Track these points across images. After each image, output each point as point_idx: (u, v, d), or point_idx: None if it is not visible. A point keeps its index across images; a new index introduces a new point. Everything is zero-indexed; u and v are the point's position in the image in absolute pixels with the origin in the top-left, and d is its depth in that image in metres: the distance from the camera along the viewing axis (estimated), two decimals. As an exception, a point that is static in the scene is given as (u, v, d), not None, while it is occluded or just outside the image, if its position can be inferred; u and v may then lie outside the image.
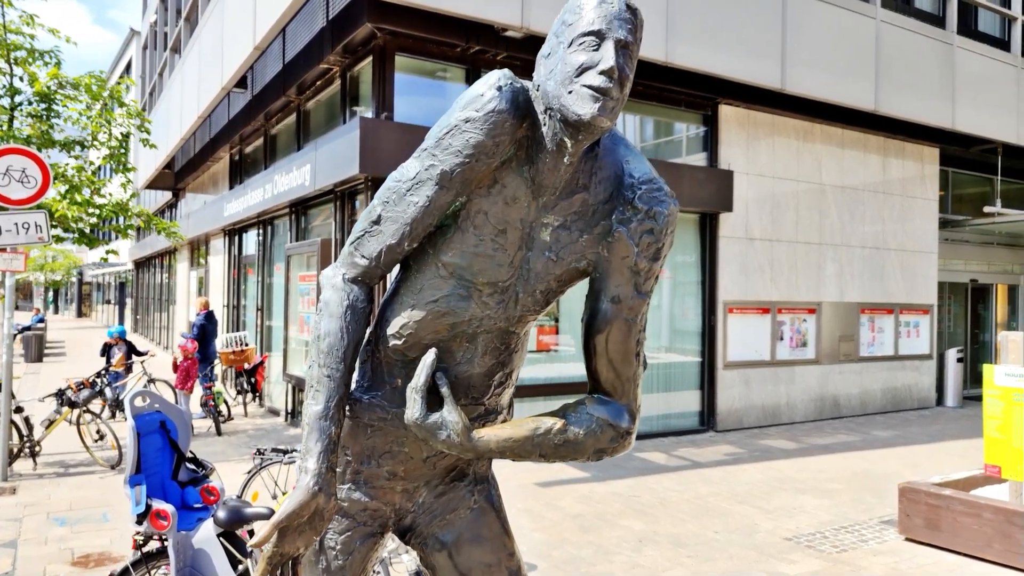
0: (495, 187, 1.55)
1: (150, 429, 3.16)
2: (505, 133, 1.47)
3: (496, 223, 1.56)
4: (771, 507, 6.30)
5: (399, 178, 1.58)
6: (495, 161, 1.51)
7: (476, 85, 1.51)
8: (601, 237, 1.62)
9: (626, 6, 1.48)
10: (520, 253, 1.61)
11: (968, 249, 13.57)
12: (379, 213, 1.60)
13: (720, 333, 9.65)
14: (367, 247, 1.62)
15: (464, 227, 1.58)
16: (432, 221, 1.56)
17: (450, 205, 1.55)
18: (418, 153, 1.57)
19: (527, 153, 1.54)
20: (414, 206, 1.54)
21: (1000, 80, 11.65)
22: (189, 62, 13.15)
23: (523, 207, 1.57)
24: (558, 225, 1.60)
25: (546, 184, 1.55)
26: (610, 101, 1.42)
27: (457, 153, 1.48)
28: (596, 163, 1.58)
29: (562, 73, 1.44)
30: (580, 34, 1.44)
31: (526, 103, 1.51)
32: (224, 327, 13.70)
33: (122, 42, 32.70)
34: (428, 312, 1.63)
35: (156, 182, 18.95)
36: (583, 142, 1.48)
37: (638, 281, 1.61)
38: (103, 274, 38.58)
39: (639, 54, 4.37)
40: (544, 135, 1.51)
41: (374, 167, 7.10)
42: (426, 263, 1.64)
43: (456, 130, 1.48)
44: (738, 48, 8.67)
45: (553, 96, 1.45)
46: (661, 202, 1.60)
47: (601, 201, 1.60)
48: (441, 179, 1.50)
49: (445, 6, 6.78)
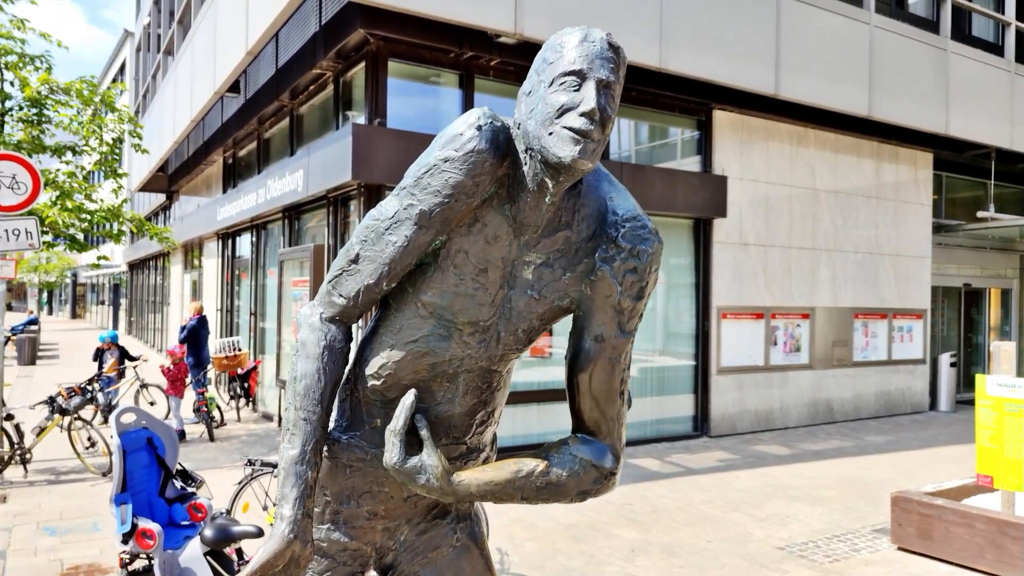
0: (476, 226, 1.53)
1: (137, 446, 3.13)
2: (485, 173, 1.45)
3: (477, 262, 1.55)
4: (764, 515, 6.29)
5: (378, 216, 1.55)
6: (475, 201, 1.49)
7: (455, 123, 1.49)
8: (584, 275, 1.60)
9: (608, 45, 1.45)
10: (502, 292, 1.59)
11: (961, 253, 13.61)
12: (357, 252, 1.57)
13: (714, 338, 9.64)
14: (345, 286, 1.59)
15: (444, 266, 1.55)
16: (411, 261, 1.54)
17: (430, 244, 1.53)
18: (397, 191, 1.55)
19: (508, 191, 1.52)
20: (392, 246, 1.52)
21: (993, 85, 11.68)
22: (182, 65, 13.11)
23: (504, 246, 1.55)
24: (540, 263, 1.58)
25: (528, 223, 1.53)
26: (591, 143, 1.39)
27: (436, 193, 1.46)
28: (579, 200, 1.56)
29: (543, 113, 1.42)
30: (561, 73, 1.42)
31: (507, 142, 1.49)
32: (218, 331, 13.65)
33: (116, 43, 32.57)
34: (407, 352, 1.61)
35: (150, 184, 18.88)
36: (564, 183, 1.46)
37: (622, 320, 1.59)
38: (97, 275, 38.44)
39: (636, 60, 4.33)
40: (525, 174, 1.49)
41: (367, 174, 7.07)
42: (406, 302, 1.61)
43: (435, 169, 1.47)
44: (732, 54, 8.67)
45: (533, 136, 1.44)
46: (645, 240, 1.58)
47: (584, 238, 1.58)
48: (420, 219, 1.49)
49: (438, 12, 6.76)
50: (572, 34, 1.46)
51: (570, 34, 1.46)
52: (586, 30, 1.46)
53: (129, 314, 29.59)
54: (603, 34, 1.46)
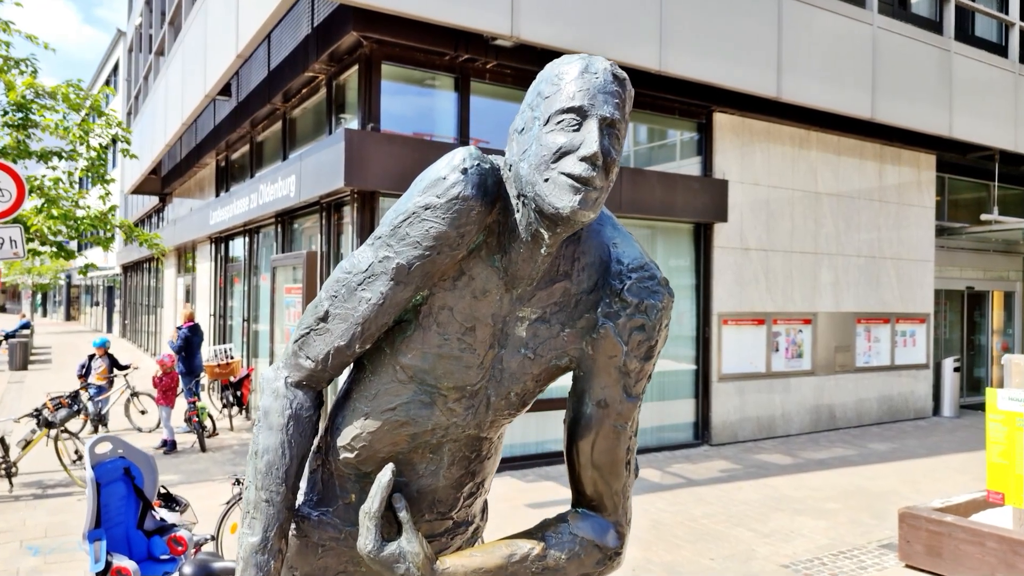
0: (461, 279, 1.36)
1: (113, 477, 2.96)
2: (471, 222, 1.29)
3: (463, 320, 1.38)
4: (768, 530, 6.13)
5: (350, 269, 1.38)
6: (460, 252, 1.32)
7: (437, 165, 1.32)
8: (585, 332, 1.43)
9: (612, 77, 1.28)
10: (492, 352, 1.42)
11: (964, 256, 13.46)
12: (326, 309, 1.39)
13: (715, 345, 9.48)
14: (313, 347, 1.42)
15: (426, 325, 1.38)
16: (387, 320, 1.37)
17: (409, 301, 1.36)
18: (372, 240, 1.38)
19: (498, 240, 1.35)
20: (366, 303, 1.35)
21: (997, 86, 11.53)
22: (173, 67, 12.91)
23: (495, 301, 1.38)
24: (535, 319, 1.41)
25: (521, 275, 1.36)
26: (593, 192, 1.23)
27: (415, 244, 1.29)
28: (579, 247, 1.40)
29: (537, 156, 1.25)
30: (558, 110, 1.25)
31: (496, 185, 1.32)
32: (211, 337, 13.47)
33: (109, 43, 32.33)
34: (384, 422, 1.43)
35: (142, 187, 18.67)
36: (561, 235, 1.29)
37: (628, 383, 1.42)
38: (92, 277, 38.20)
39: (636, 63, 4.07)
40: (517, 222, 1.32)
41: (360, 180, 6.90)
42: (382, 364, 1.44)
43: (414, 218, 1.30)
44: (733, 56, 8.51)
45: (527, 182, 1.27)
46: (653, 293, 1.40)
47: (585, 290, 1.41)
48: (397, 273, 1.32)
49: (432, 14, 6.58)
50: (571, 64, 1.29)
51: (568, 64, 1.29)
52: (587, 59, 1.29)
53: (123, 317, 29.37)
54: (606, 64, 1.29)
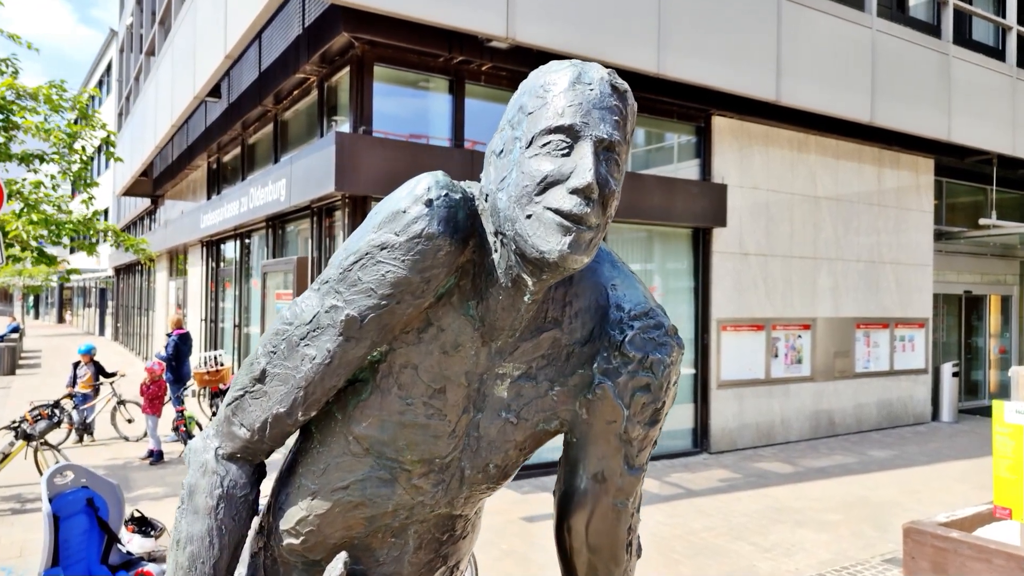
0: (428, 332, 1.13)
1: (74, 510, 2.79)
2: (438, 265, 1.06)
3: (431, 380, 1.14)
4: (769, 543, 5.99)
5: (291, 319, 1.14)
6: (426, 301, 1.10)
7: (397, 195, 1.10)
8: (579, 391, 1.19)
9: (611, 88, 1.05)
10: (466, 417, 1.18)
11: (962, 260, 13.37)
12: (263, 367, 1.15)
13: (713, 351, 9.34)
14: (248, 413, 1.17)
15: (385, 387, 1.15)
16: (336, 383, 1.14)
17: (363, 359, 1.13)
18: (318, 285, 1.14)
19: (473, 284, 1.12)
20: (309, 362, 1.11)
21: (995, 90, 11.43)
22: (163, 68, 12.73)
23: (469, 356, 1.15)
24: (519, 375, 1.18)
25: (500, 326, 1.13)
26: (586, 232, 0.99)
27: (369, 292, 1.07)
28: (571, 289, 1.17)
29: (518, 186, 1.02)
30: (544, 130, 1.01)
31: (469, 219, 1.09)
32: (202, 342, 13.27)
33: (102, 43, 32.09)
34: (335, 503, 1.20)
35: (134, 189, 18.47)
36: (548, 281, 1.06)
37: (630, 452, 1.20)
38: (84, 279, 37.88)
39: (633, 66, 3.86)
40: (495, 264, 1.09)
41: (352, 185, 6.73)
42: (332, 434, 1.20)
43: (368, 259, 1.07)
44: (732, 59, 8.37)
45: (506, 218, 1.03)
46: (660, 346, 1.17)
47: (578, 341, 1.18)
48: (347, 327, 1.09)
49: (425, 15, 6.42)
50: (560, 72, 1.06)
51: (557, 72, 1.06)
52: (580, 67, 1.06)
53: (115, 319, 29.10)
54: (603, 73, 1.07)
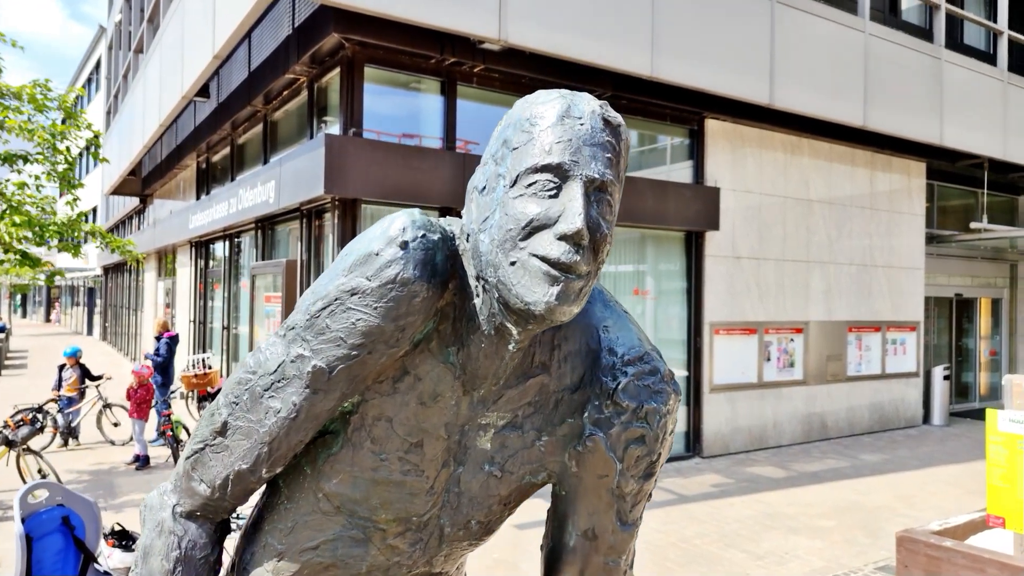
0: (404, 381, 1.05)
1: (48, 529, 2.69)
2: (414, 312, 0.98)
3: (407, 433, 1.06)
4: (762, 551, 5.95)
5: (255, 368, 1.06)
6: (400, 350, 1.01)
7: (370, 234, 1.01)
8: (568, 441, 1.11)
9: (603, 122, 0.97)
10: (445, 472, 1.10)
11: (953, 263, 13.40)
12: (225, 419, 1.07)
13: (706, 355, 9.31)
14: (208, 468, 1.09)
15: (357, 441, 1.07)
16: (304, 438, 1.06)
17: (332, 412, 1.05)
18: (284, 331, 1.06)
19: (453, 328, 1.04)
20: (274, 415, 1.03)
21: (987, 94, 11.45)
22: (151, 67, 12.58)
23: (449, 407, 1.06)
24: (504, 425, 1.10)
25: (483, 374, 1.04)
26: (576, 282, 0.93)
27: (338, 342, 0.99)
28: (560, 331, 1.10)
29: (501, 229, 0.95)
30: (530, 168, 0.94)
31: (449, 260, 1.02)
32: (190, 343, 13.14)
33: (91, 39, 31.81)
34: (303, 565, 1.12)
35: (122, 188, 18.29)
36: (534, 331, 0.99)
37: (622, 508, 1.12)
38: (72, 278, 37.57)
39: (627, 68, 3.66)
40: (477, 309, 1.01)
41: (341, 188, 6.65)
42: (301, 489, 1.12)
43: (338, 306, 0.99)
44: (725, 62, 8.33)
45: (488, 263, 0.96)
46: (656, 394, 1.10)
47: (567, 387, 1.10)
48: (314, 380, 1.00)
49: (416, 16, 6.34)
50: (547, 104, 0.97)
51: (544, 104, 0.98)
52: (568, 98, 0.98)
53: (103, 319, 28.85)
54: (595, 105, 0.98)
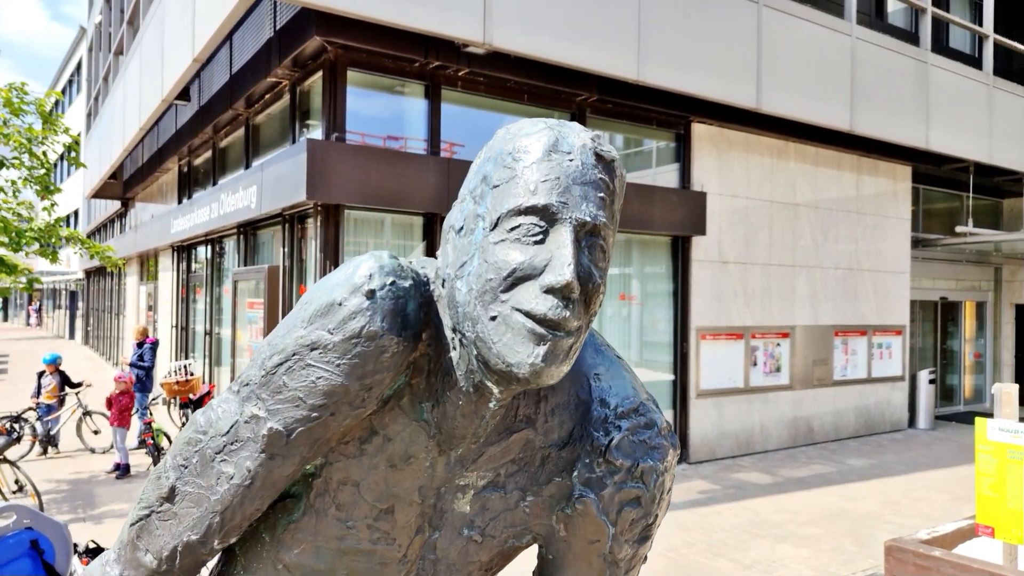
0: (372, 442, 0.95)
1: (16, 554, 2.58)
2: (382, 370, 0.88)
3: (376, 499, 0.97)
4: (750, 560, 5.89)
5: (205, 428, 0.95)
6: (367, 410, 0.91)
7: (332, 280, 0.91)
8: (555, 502, 1.02)
9: (595, 158, 0.88)
10: (420, 538, 1.01)
11: (938, 266, 13.45)
12: (172, 483, 0.96)
13: (692, 361, 9.26)
14: (155, 538, 0.97)
15: (321, 507, 0.97)
16: (261, 506, 0.95)
17: (292, 477, 0.95)
18: (238, 386, 0.95)
19: (427, 382, 0.94)
20: (227, 482, 0.92)
21: (972, 98, 11.49)
22: (131, 69, 12.40)
23: (423, 468, 0.97)
24: (485, 485, 1.00)
25: (461, 434, 0.95)
26: (565, 340, 0.83)
27: (297, 402, 0.88)
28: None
29: (481, 278, 0.85)
30: (514, 210, 0.84)
31: (422, 308, 0.91)
32: (173, 350, 12.96)
33: (72, 41, 31.44)
34: None
35: (103, 192, 18.03)
36: (517, 390, 0.90)
37: (615, 575, 1.03)
38: (55, 281, 37.11)
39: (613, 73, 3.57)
40: (454, 363, 0.92)
41: (323, 193, 6.54)
42: (259, 559, 1.02)
43: (296, 362, 0.88)
44: (712, 66, 8.29)
45: (466, 315, 0.86)
46: (652, 450, 1.00)
47: (555, 443, 1.00)
48: (270, 443, 0.90)
49: (400, 20, 6.25)
50: (532, 136, 0.87)
51: (529, 136, 0.88)
52: (557, 130, 0.88)
53: (86, 323, 28.50)
54: (585, 138, 0.89)
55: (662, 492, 1.03)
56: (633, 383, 1.05)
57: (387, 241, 7.45)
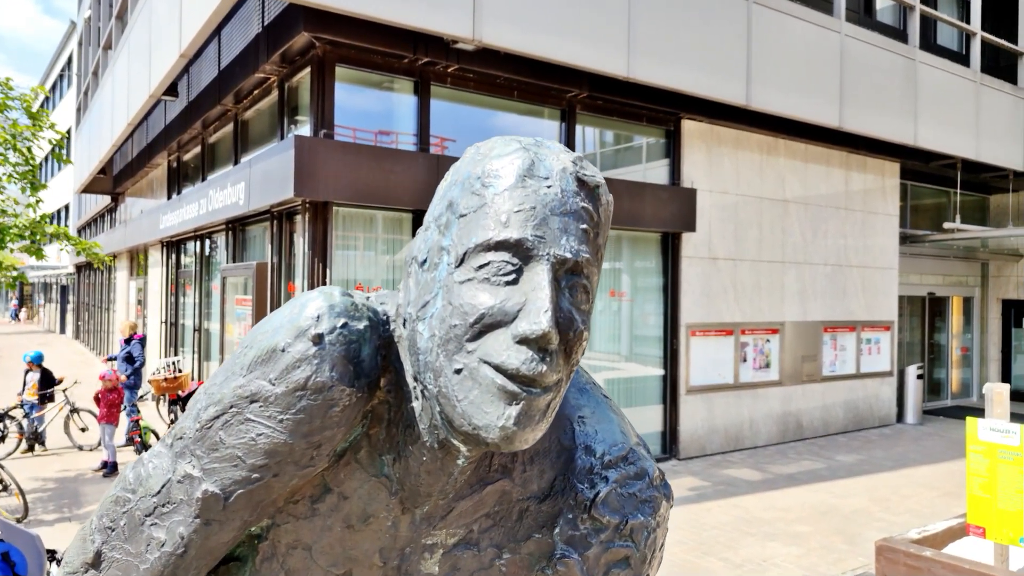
0: (325, 500, 0.85)
1: (-9, 564, 2.55)
2: (331, 426, 0.78)
3: (331, 564, 0.88)
4: (740, 559, 5.91)
5: (134, 486, 0.85)
6: (317, 468, 0.82)
7: (275, 321, 0.81)
8: (534, 561, 0.92)
9: (576, 183, 0.77)
10: None
11: (925, 262, 13.52)
12: (98, 547, 0.86)
13: (683, 357, 9.28)
14: None
15: (268, 573, 0.89)
16: (199, 575, 0.85)
17: (232, 544, 0.85)
18: (171, 439, 0.86)
19: (387, 432, 0.84)
20: (158, 549, 0.82)
21: (960, 95, 11.53)
22: (119, 64, 12.30)
23: (384, 528, 0.87)
24: (456, 543, 0.90)
25: (426, 492, 0.85)
26: (541, 397, 0.73)
27: (236, 461, 0.79)
28: None
29: (444, 324, 0.75)
30: (482, 245, 0.74)
31: (380, 350, 0.82)
32: (162, 346, 12.89)
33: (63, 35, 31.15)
34: None
35: (92, 186, 17.90)
36: (485, 450, 0.81)
37: None
38: (46, 275, 36.85)
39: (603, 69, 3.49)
40: (416, 414, 0.81)
41: (311, 191, 6.50)
42: None
43: (233, 416, 0.78)
44: (702, 63, 8.28)
45: (428, 365, 0.77)
46: (644, 504, 0.91)
47: (535, 495, 0.91)
48: (206, 507, 0.80)
49: (388, 16, 6.21)
50: (505, 159, 0.77)
51: (500, 157, 0.78)
52: (533, 152, 0.77)
53: (76, 317, 28.32)
54: (566, 161, 0.78)
55: (654, 551, 0.93)
56: (622, 426, 0.96)
57: (376, 237, 7.42)
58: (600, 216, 0.79)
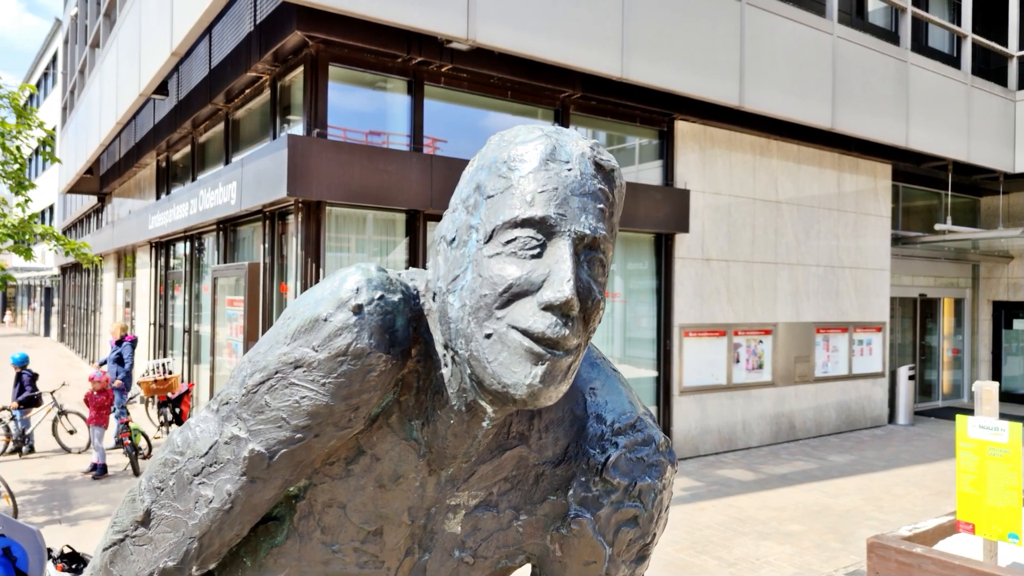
0: (359, 462, 0.92)
1: (-14, 564, 2.51)
2: (369, 390, 0.84)
3: (363, 521, 0.94)
4: (733, 558, 5.91)
5: (182, 448, 0.91)
6: (354, 430, 0.88)
7: (317, 294, 0.87)
8: (550, 521, 1.00)
9: (594, 167, 0.85)
10: (409, 560, 0.98)
11: (916, 264, 13.59)
12: (148, 506, 0.92)
13: (676, 358, 9.28)
14: (129, 564, 0.93)
15: (305, 530, 0.94)
16: (241, 531, 0.92)
17: (274, 500, 0.91)
18: (217, 405, 0.91)
19: (417, 399, 0.91)
20: (206, 506, 0.88)
21: (951, 97, 11.61)
22: (108, 63, 12.18)
23: (412, 488, 0.94)
24: (477, 504, 0.98)
25: (452, 453, 0.92)
26: (564, 359, 0.81)
27: (280, 423, 0.85)
28: None
29: (475, 294, 0.82)
30: (509, 222, 0.81)
31: (412, 323, 0.88)
32: (151, 348, 12.78)
33: (47, 33, 30.87)
34: None
35: (79, 187, 17.73)
36: (512, 410, 0.89)
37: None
38: (30, 278, 36.50)
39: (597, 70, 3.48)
40: (445, 381, 0.89)
41: (304, 190, 6.45)
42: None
43: (279, 380, 0.84)
44: (695, 64, 8.29)
45: (459, 332, 0.84)
46: (651, 468, 0.98)
47: (549, 460, 0.98)
48: (252, 466, 0.86)
49: (382, 15, 6.17)
50: (528, 144, 0.84)
51: (525, 144, 0.85)
52: (554, 138, 0.85)
53: (61, 320, 28.06)
54: (584, 147, 0.86)
55: (660, 511, 1.00)
56: (630, 397, 1.03)
57: (369, 238, 7.37)
58: (615, 197, 0.87)
